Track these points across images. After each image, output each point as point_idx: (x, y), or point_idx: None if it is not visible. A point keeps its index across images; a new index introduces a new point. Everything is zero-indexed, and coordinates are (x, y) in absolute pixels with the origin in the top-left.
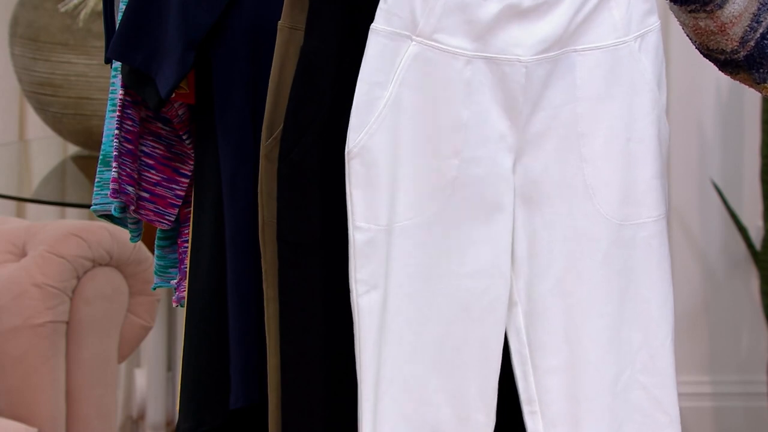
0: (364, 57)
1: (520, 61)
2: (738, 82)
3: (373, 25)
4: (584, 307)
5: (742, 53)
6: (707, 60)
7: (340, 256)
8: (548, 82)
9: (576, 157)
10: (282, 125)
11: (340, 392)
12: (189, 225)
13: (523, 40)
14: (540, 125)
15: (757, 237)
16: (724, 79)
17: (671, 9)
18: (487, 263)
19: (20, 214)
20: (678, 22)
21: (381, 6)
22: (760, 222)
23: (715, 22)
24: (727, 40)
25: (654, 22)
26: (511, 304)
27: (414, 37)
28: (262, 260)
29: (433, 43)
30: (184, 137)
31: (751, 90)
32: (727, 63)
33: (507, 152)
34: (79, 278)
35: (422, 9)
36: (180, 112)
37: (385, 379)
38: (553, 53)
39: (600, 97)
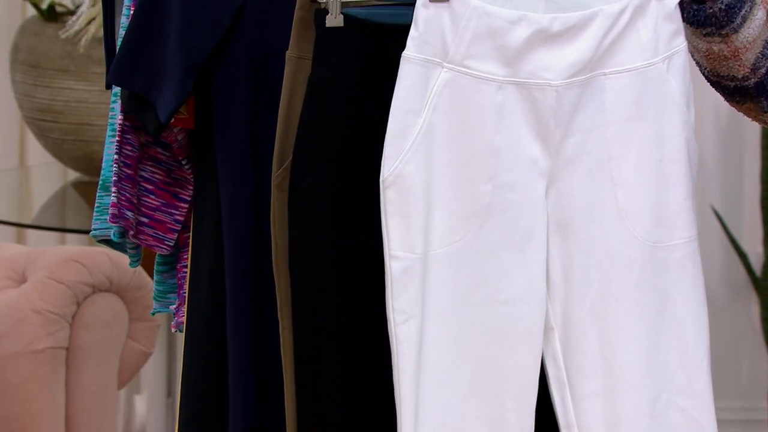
0: (397, 85)
1: (551, 86)
2: (742, 113)
3: (404, 53)
4: (620, 331)
5: (752, 80)
6: (714, 88)
7: (352, 284)
8: (578, 105)
9: (608, 180)
10: (292, 155)
11: (357, 420)
12: (188, 250)
13: (553, 64)
14: (571, 149)
15: (757, 263)
16: (723, 105)
17: (685, 35)
18: (523, 289)
19: (20, 240)
20: (689, 48)
21: (412, 34)
22: (760, 248)
23: (729, 46)
24: (739, 65)
25: (681, 42)
26: (547, 329)
27: (445, 64)
28: (276, 289)
29: (464, 69)
30: (184, 162)
31: None
32: (735, 91)
33: (540, 177)
34: (79, 304)
35: (453, 35)
36: (179, 137)
37: (423, 407)
38: (582, 77)
39: (630, 120)
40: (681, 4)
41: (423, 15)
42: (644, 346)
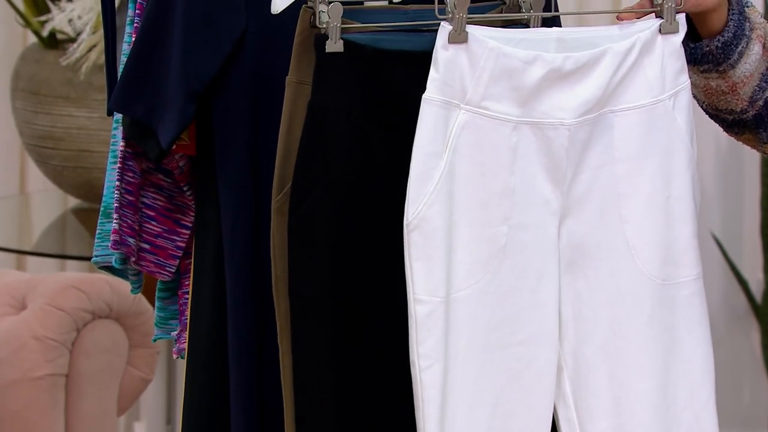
0: (418, 127)
1: (564, 125)
2: (741, 143)
3: (425, 95)
4: (630, 369)
5: (750, 113)
6: (713, 120)
7: (352, 309)
8: (588, 144)
9: (616, 217)
10: (292, 180)
11: None
12: (189, 276)
13: (566, 103)
14: (582, 188)
15: (757, 290)
16: (723, 132)
17: None
18: (536, 330)
19: (20, 267)
20: None
21: (433, 76)
22: (760, 275)
23: (726, 82)
24: (737, 99)
25: (685, 80)
26: (557, 369)
27: (463, 106)
28: (276, 315)
29: (481, 110)
30: (185, 188)
31: None
32: (734, 123)
33: (552, 217)
34: (78, 331)
35: (471, 77)
36: (181, 164)
37: None
38: (593, 115)
39: (638, 157)
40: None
41: (443, 57)
42: (654, 384)
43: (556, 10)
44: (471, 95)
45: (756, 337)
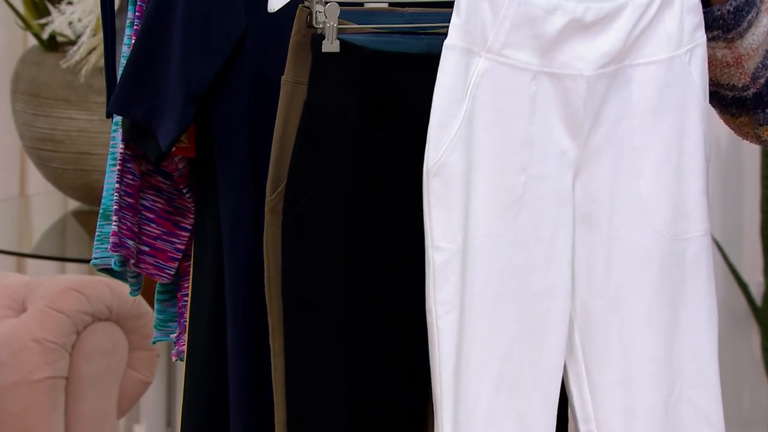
0: (439, 73)
1: (582, 76)
2: (733, 131)
3: (447, 42)
4: (639, 323)
5: (751, 90)
6: (711, 101)
7: (346, 310)
8: (606, 96)
9: (632, 171)
10: (286, 179)
11: None
12: (189, 278)
13: (586, 54)
14: (598, 140)
15: (757, 293)
16: (723, 133)
17: None
18: (551, 282)
19: (20, 270)
20: None
21: (454, 21)
22: (760, 278)
23: (732, 53)
24: (740, 73)
25: (702, 36)
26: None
27: (483, 53)
28: (268, 315)
29: (501, 58)
30: (185, 191)
31: (751, 145)
32: (733, 102)
33: (568, 168)
34: (78, 333)
35: (492, 24)
36: (180, 166)
37: (464, 399)
38: (612, 68)
39: (654, 111)
40: None
41: (465, 2)
42: (662, 338)
43: None
44: (492, 42)
45: (756, 339)
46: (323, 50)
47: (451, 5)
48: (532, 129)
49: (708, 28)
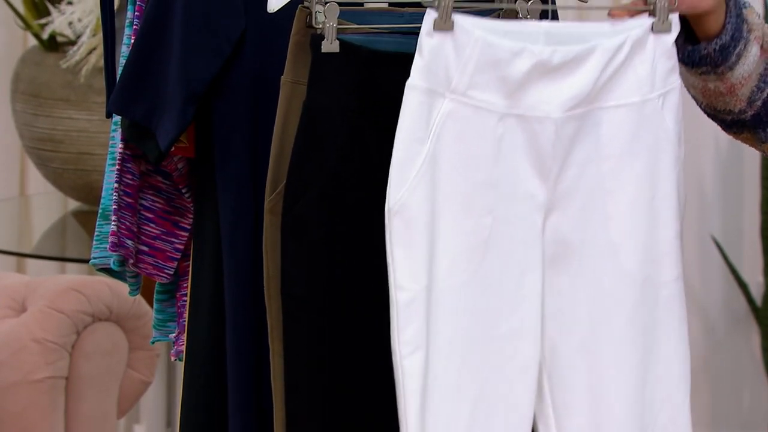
0: (401, 113)
1: (550, 119)
2: (740, 141)
3: (409, 82)
4: (608, 367)
5: (749, 113)
6: (711, 120)
7: (345, 310)
8: (575, 139)
9: (601, 215)
10: (285, 180)
11: None
12: (188, 278)
13: (553, 97)
14: (568, 183)
15: (757, 293)
16: (723, 134)
17: (680, 72)
18: (519, 324)
19: (20, 270)
20: (684, 84)
21: (417, 63)
22: (760, 278)
23: (724, 83)
24: (735, 100)
25: (676, 80)
26: None
27: (448, 94)
28: (267, 314)
29: (466, 99)
30: (184, 191)
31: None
32: (733, 123)
33: (537, 210)
34: (78, 333)
35: (456, 65)
36: (180, 166)
37: None
38: (580, 110)
39: (625, 155)
40: (675, 44)
41: (428, 44)
42: (632, 382)
43: (555, 18)
44: (456, 84)
45: (756, 340)
46: (323, 50)
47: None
48: (497, 171)
49: (696, 65)
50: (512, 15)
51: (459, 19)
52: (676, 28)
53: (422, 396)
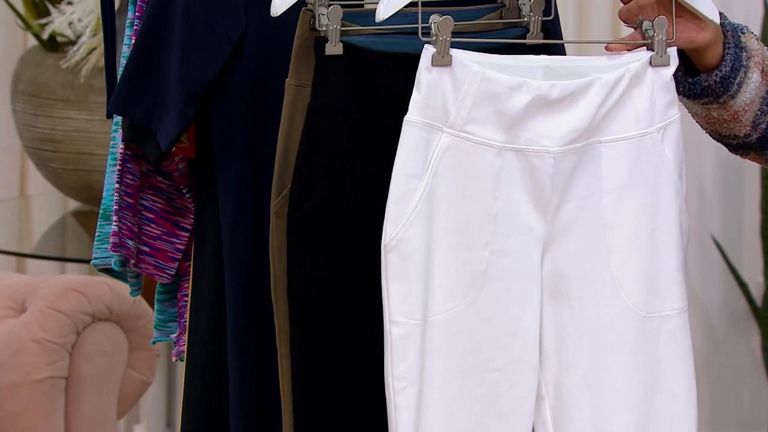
0: (399, 148)
1: (549, 153)
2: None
3: (407, 117)
4: (611, 401)
5: (754, 136)
6: (718, 142)
7: (352, 312)
8: (574, 173)
9: (602, 248)
10: (291, 182)
11: None
12: (189, 279)
13: (551, 131)
14: (567, 216)
15: (757, 293)
16: None
17: (682, 101)
18: (516, 357)
19: (20, 270)
20: (689, 112)
21: (414, 97)
22: (760, 278)
23: (727, 111)
24: (740, 126)
25: (675, 113)
26: (538, 398)
27: (445, 129)
28: (275, 317)
29: (464, 134)
30: (185, 191)
31: None
32: (739, 146)
33: (536, 244)
34: (78, 333)
35: (454, 100)
36: (180, 166)
37: None
38: (579, 144)
39: (625, 188)
40: (675, 78)
41: (426, 78)
42: (634, 416)
43: (556, 16)
44: (454, 119)
45: (756, 340)
46: (326, 53)
47: (454, 4)
48: (496, 204)
49: (698, 96)
50: (514, 14)
51: (457, 53)
52: (674, 62)
53: (415, 430)
